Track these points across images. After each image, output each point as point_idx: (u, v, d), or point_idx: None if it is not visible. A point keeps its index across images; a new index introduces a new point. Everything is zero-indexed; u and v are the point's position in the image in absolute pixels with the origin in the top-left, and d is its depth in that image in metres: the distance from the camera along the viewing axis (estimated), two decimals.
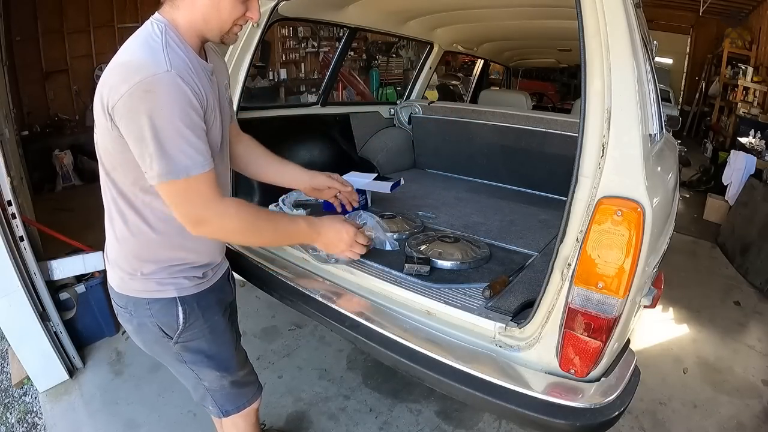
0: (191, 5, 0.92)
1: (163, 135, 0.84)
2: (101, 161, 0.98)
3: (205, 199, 0.91)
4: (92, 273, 2.20)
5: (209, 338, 1.13)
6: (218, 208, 0.93)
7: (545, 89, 7.71)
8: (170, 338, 1.08)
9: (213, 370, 1.16)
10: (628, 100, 0.94)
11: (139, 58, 0.85)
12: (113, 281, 1.07)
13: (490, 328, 1.21)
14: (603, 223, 0.96)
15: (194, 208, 0.91)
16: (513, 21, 2.66)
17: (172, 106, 0.84)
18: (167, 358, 1.15)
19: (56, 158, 4.81)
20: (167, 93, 0.83)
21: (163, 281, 1.04)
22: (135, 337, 1.13)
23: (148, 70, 0.83)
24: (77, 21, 5.43)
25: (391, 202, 2.24)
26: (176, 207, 0.91)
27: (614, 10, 0.93)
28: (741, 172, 4.24)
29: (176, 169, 0.86)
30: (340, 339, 2.25)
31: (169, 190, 0.89)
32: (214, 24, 0.95)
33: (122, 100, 0.83)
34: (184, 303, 1.06)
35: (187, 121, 0.86)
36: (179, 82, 0.85)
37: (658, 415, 1.94)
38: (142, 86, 0.82)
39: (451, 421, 1.87)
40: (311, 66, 8.58)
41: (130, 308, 1.06)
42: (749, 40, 7.62)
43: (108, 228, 1.04)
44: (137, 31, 0.93)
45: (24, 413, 1.91)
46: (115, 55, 0.91)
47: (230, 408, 1.24)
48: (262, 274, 1.62)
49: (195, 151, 0.87)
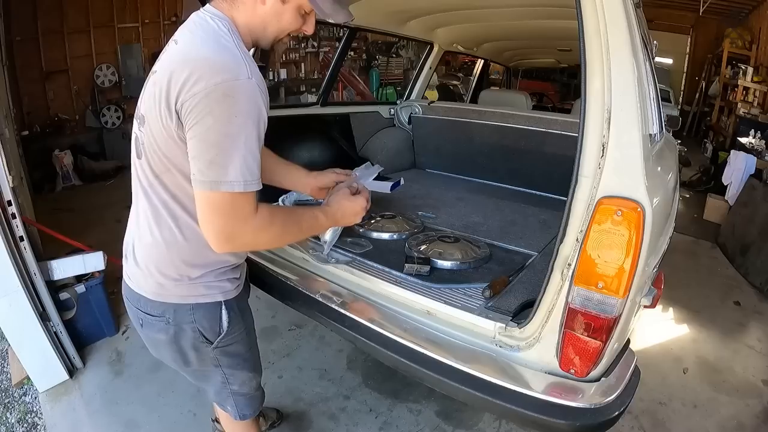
0: (252, 10, 0.90)
1: (229, 144, 0.80)
2: (149, 164, 0.92)
3: (246, 216, 0.86)
4: (92, 273, 2.20)
5: (246, 341, 1.14)
6: (255, 224, 0.88)
7: (545, 89, 7.70)
8: (210, 343, 1.05)
9: (247, 372, 1.18)
10: (628, 100, 0.94)
11: (219, 59, 0.82)
12: (146, 289, 1.01)
13: (490, 328, 1.21)
14: (603, 223, 0.96)
15: (233, 222, 0.85)
16: (513, 21, 2.66)
17: (248, 116, 0.81)
18: (200, 364, 1.10)
19: (56, 158, 4.81)
20: (246, 102, 0.81)
21: (210, 285, 1.02)
22: (167, 347, 1.06)
23: (231, 73, 0.80)
24: (77, 21, 5.42)
25: (391, 202, 2.24)
26: (212, 219, 0.85)
27: (614, 10, 0.93)
28: (741, 172, 4.24)
29: (232, 182, 0.81)
30: (340, 339, 2.25)
31: (215, 200, 0.83)
32: (272, 31, 0.94)
33: (197, 98, 0.79)
34: (228, 307, 1.05)
35: (255, 136, 0.83)
36: (258, 93, 0.82)
37: (658, 415, 1.94)
38: (222, 88, 0.79)
39: (451, 421, 1.87)
40: (311, 66, 8.57)
41: (168, 316, 1.01)
42: (749, 40, 7.62)
43: (147, 233, 0.97)
44: (200, 22, 0.89)
45: (24, 413, 1.91)
46: (174, 48, 0.87)
47: (247, 412, 1.26)
48: (261, 274, 1.62)
49: (256, 167, 0.84)
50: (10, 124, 3.17)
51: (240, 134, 0.80)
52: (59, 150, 4.87)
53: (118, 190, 4.65)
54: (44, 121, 5.22)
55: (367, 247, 1.69)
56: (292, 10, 0.92)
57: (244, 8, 0.90)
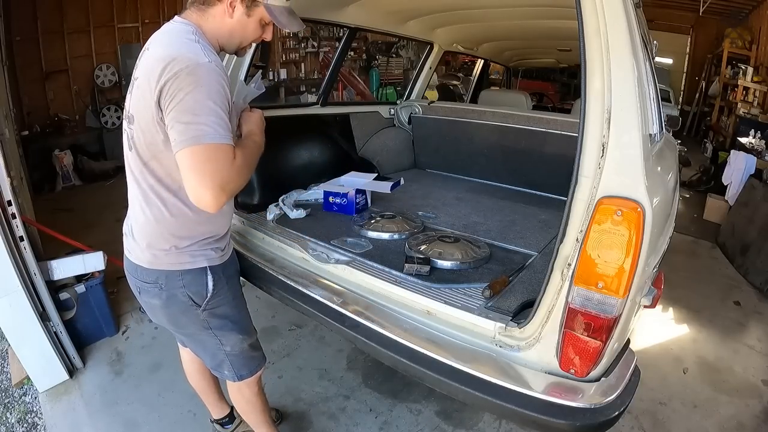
0: (220, 22, 1.09)
1: (200, 107, 0.94)
2: (138, 154, 1.07)
3: (230, 161, 0.98)
4: (92, 273, 2.20)
5: (233, 304, 1.28)
6: (234, 170, 0.99)
7: (545, 89, 7.69)
8: (198, 306, 1.19)
9: (236, 334, 1.30)
10: (628, 100, 0.94)
11: (183, 51, 0.98)
12: (142, 260, 1.16)
13: (490, 328, 1.21)
14: (603, 223, 0.96)
15: (221, 168, 0.96)
16: (513, 21, 2.66)
17: (210, 87, 0.96)
18: (191, 327, 1.26)
19: (56, 158, 4.81)
20: (207, 76, 0.96)
21: (195, 253, 1.16)
22: (160, 311, 1.22)
23: (192, 60, 0.96)
24: (77, 21, 5.43)
25: (391, 202, 2.24)
26: (202, 170, 0.94)
27: (614, 10, 0.93)
28: (741, 172, 4.24)
29: (211, 133, 0.94)
30: (340, 339, 2.25)
31: (199, 152, 0.94)
32: (236, 40, 1.14)
33: (169, 82, 0.95)
34: (212, 272, 1.20)
35: (220, 102, 0.97)
36: (218, 70, 0.99)
37: (658, 415, 1.94)
38: (186, 70, 0.95)
39: (451, 421, 1.87)
40: (311, 66, 8.57)
41: (161, 282, 1.16)
42: (749, 40, 7.62)
43: (140, 213, 1.13)
44: (168, 30, 1.07)
45: (24, 413, 1.91)
46: (148, 52, 1.04)
47: (245, 372, 1.36)
48: (262, 274, 1.62)
49: (225, 125, 0.97)
50: (10, 124, 3.17)
51: (207, 100, 0.95)
52: (59, 150, 4.87)
53: (117, 190, 4.59)
54: (44, 121, 5.22)
55: (367, 247, 1.69)
56: (255, 21, 1.13)
57: (213, 19, 1.09)
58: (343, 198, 2.04)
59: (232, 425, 1.71)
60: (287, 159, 2.27)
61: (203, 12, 1.08)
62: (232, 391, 1.46)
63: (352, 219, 1.98)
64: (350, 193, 2.03)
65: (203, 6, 1.08)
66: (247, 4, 1.09)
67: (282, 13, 1.13)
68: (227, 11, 1.08)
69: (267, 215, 1.92)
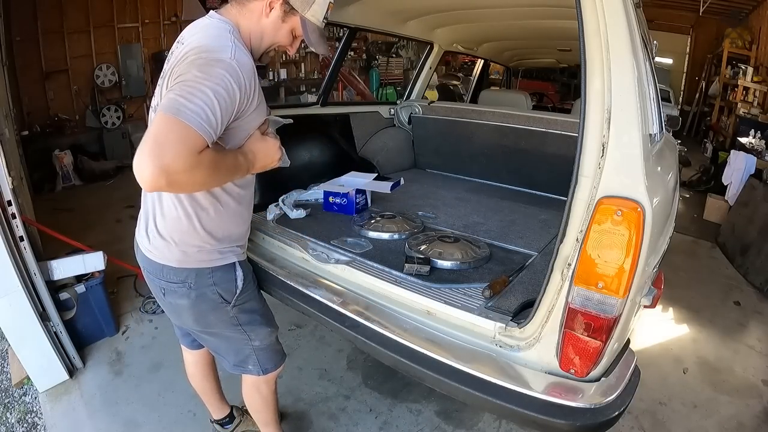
0: (257, 20, 1.10)
1: (199, 90, 0.89)
2: None
3: (189, 151, 0.86)
4: (92, 273, 2.20)
5: (258, 298, 1.33)
6: (191, 161, 0.87)
7: (545, 89, 7.69)
8: (228, 303, 1.22)
9: (265, 327, 1.34)
10: (628, 100, 0.94)
11: (211, 43, 0.99)
12: (171, 258, 1.14)
13: (490, 328, 1.21)
14: (603, 223, 0.96)
15: (175, 149, 0.85)
16: (513, 21, 2.66)
17: (220, 81, 0.92)
18: (219, 325, 1.27)
19: (56, 158, 4.80)
20: (223, 70, 0.94)
21: (224, 250, 1.19)
22: (188, 311, 1.21)
23: (217, 52, 0.97)
24: (77, 21, 5.42)
25: (391, 202, 2.24)
26: (160, 140, 0.85)
27: (614, 10, 0.93)
28: (741, 172, 4.24)
29: (187, 114, 0.86)
30: (340, 339, 2.25)
31: (166, 122, 0.85)
32: (266, 42, 1.14)
33: (188, 57, 0.96)
34: (241, 267, 1.24)
35: (223, 99, 0.92)
36: (237, 70, 0.96)
37: (658, 415, 1.94)
38: (206, 58, 0.95)
39: (451, 421, 1.87)
40: (311, 66, 8.57)
41: (190, 281, 1.16)
42: (749, 40, 7.62)
43: (171, 208, 1.11)
44: (205, 24, 1.06)
45: (24, 413, 1.91)
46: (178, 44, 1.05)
47: (269, 366, 1.39)
48: (262, 274, 1.61)
49: (213, 118, 0.90)
50: (10, 124, 3.17)
51: (209, 90, 0.90)
52: (59, 150, 4.86)
53: (118, 190, 4.65)
54: (44, 121, 5.21)
55: (367, 247, 1.69)
56: (287, 29, 1.13)
57: (250, 16, 1.09)
58: (343, 198, 2.04)
59: (231, 425, 1.71)
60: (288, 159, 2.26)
61: (242, 6, 1.09)
62: (248, 389, 1.45)
63: (352, 219, 1.98)
64: (350, 193, 2.03)
65: (244, 0, 1.09)
66: (285, 10, 1.09)
67: (314, 31, 1.14)
68: (265, 10, 1.09)
69: (267, 215, 1.92)
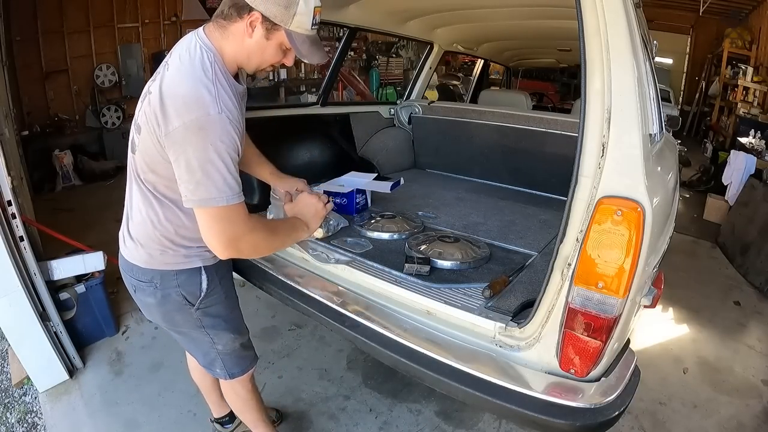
0: (240, 42, 1.03)
1: (209, 168, 0.94)
2: (143, 159, 1.06)
3: (242, 220, 1.02)
4: (92, 273, 2.20)
5: (225, 303, 1.29)
6: (249, 225, 1.04)
7: (545, 89, 7.68)
8: (192, 305, 1.21)
9: (228, 333, 1.31)
10: (628, 100, 0.94)
11: (193, 95, 0.95)
12: (138, 259, 1.17)
13: (490, 328, 1.21)
14: (603, 223, 0.96)
15: (232, 227, 1.01)
16: (513, 21, 2.66)
17: (221, 144, 0.95)
18: (185, 326, 1.27)
19: (56, 158, 4.80)
20: (217, 132, 0.94)
21: (190, 254, 1.17)
22: (155, 309, 1.23)
23: (203, 109, 0.94)
24: (77, 21, 5.42)
25: (391, 202, 2.24)
26: (212, 228, 1.00)
27: (614, 10, 0.93)
28: (741, 172, 4.24)
29: (217, 198, 0.96)
30: (340, 339, 2.25)
31: (209, 214, 0.99)
32: (255, 62, 1.09)
33: (177, 132, 0.94)
34: (207, 272, 1.21)
35: (231, 157, 0.97)
36: (227, 124, 0.96)
37: (658, 415, 1.94)
38: (196, 123, 0.93)
39: (451, 421, 1.87)
40: (311, 66, 8.56)
41: (156, 281, 1.17)
42: (749, 40, 7.62)
43: (137, 212, 1.14)
44: (189, 51, 1.01)
45: (24, 413, 1.91)
46: (167, 73, 1.00)
47: (236, 371, 1.37)
48: (262, 274, 1.62)
49: (235, 182, 0.98)
50: (10, 124, 3.17)
51: (216, 160, 0.94)
52: (59, 150, 4.86)
53: (117, 190, 4.57)
54: (44, 121, 5.21)
55: (367, 247, 1.69)
56: (275, 45, 1.06)
57: (233, 39, 1.03)
58: (343, 198, 2.04)
59: (232, 425, 1.71)
60: (287, 159, 2.27)
61: (224, 29, 1.03)
62: (227, 391, 1.46)
63: (352, 219, 1.98)
64: (350, 193, 2.03)
65: (224, 22, 1.02)
66: (267, 27, 1.01)
67: (303, 42, 1.05)
68: (247, 31, 1.01)
69: (267, 215, 1.92)
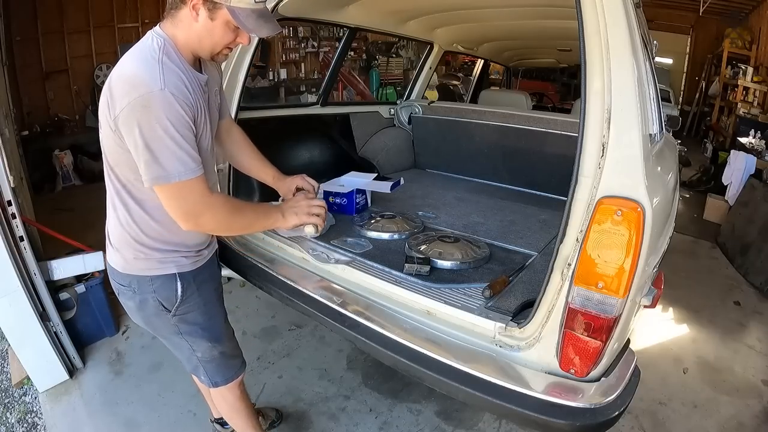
0: (189, 27, 1.03)
1: (156, 145, 0.94)
2: (105, 156, 1.07)
3: (198, 196, 1.02)
4: (92, 273, 2.20)
5: (203, 310, 1.26)
6: (208, 201, 1.04)
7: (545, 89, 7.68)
8: (168, 311, 1.19)
9: (206, 341, 1.28)
10: (628, 100, 0.94)
11: (137, 75, 0.95)
12: (117, 263, 1.17)
13: (490, 328, 1.21)
14: (603, 223, 0.96)
15: (187, 203, 1.02)
16: (513, 21, 2.66)
17: (165, 119, 0.94)
18: (165, 330, 1.26)
19: (56, 158, 4.80)
20: (161, 108, 0.93)
21: (164, 260, 1.15)
22: (136, 313, 1.23)
23: (145, 87, 0.93)
24: (77, 21, 5.43)
25: (391, 202, 2.24)
26: (170, 205, 1.02)
27: (614, 10, 0.93)
28: (741, 172, 4.24)
29: (169, 174, 0.96)
30: (340, 339, 2.25)
31: (164, 191, 0.99)
32: (207, 45, 1.06)
33: (123, 112, 0.93)
34: (182, 278, 1.18)
35: (180, 133, 0.96)
36: (171, 99, 0.95)
37: (658, 415, 1.94)
38: (139, 101, 0.92)
39: (451, 421, 1.87)
40: (311, 66, 8.57)
41: (133, 286, 1.17)
42: (749, 40, 7.62)
43: (111, 214, 1.14)
44: (138, 44, 1.03)
45: (24, 413, 1.91)
46: (117, 63, 1.01)
47: (219, 380, 1.35)
48: (262, 274, 1.62)
49: (188, 158, 0.98)
50: (10, 124, 3.17)
51: (164, 137, 0.94)
52: (59, 150, 4.86)
53: None
54: (44, 121, 5.21)
55: (367, 247, 1.69)
56: (221, 25, 1.03)
57: (182, 26, 1.03)
58: (343, 198, 2.04)
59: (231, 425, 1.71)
60: (287, 159, 2.27)
61: (173, 18, 1.03)
62: (214, 395, 1.44)
63: (352, 219, 1.98)
64: (350, 193, 2.03)
65: (173, 11, 1.02)
66: (209, 7, 0.99)
67: (248, 17, 1.00)
68: (192, 15, 1.00)
69: None
